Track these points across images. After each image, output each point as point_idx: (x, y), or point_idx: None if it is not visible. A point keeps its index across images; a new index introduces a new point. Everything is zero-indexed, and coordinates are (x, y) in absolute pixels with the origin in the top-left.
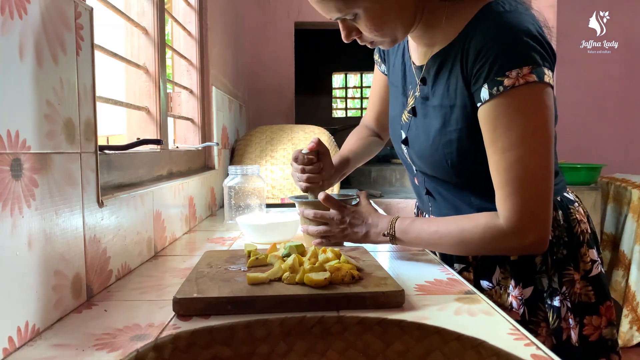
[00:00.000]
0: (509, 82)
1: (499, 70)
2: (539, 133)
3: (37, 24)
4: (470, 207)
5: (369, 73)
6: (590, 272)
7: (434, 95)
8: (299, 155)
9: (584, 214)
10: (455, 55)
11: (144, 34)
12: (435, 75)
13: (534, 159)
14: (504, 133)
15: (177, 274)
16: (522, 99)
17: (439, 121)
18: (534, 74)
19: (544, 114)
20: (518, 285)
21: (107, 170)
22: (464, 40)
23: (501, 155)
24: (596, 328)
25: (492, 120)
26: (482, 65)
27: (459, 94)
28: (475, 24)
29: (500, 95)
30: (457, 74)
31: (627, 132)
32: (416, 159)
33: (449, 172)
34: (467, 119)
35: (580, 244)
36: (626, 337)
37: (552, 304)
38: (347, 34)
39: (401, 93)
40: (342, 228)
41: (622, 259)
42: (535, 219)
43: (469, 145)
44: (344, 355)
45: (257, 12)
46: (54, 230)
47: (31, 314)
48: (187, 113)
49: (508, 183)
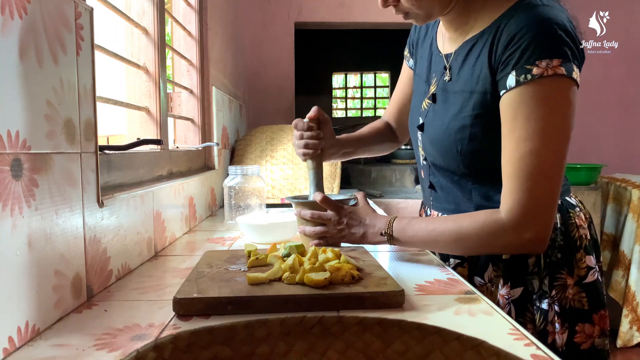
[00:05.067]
0: (538, 72)
1: (529, 58)
2: (559, 128)
3: (37, 24)
4: (470, 202)
5: (369, 73)
6: (585, 278)
7: (458, 81)
8: (299, 122)
9: (585, 220)
10: (485, 42)
11: (144, 34)
12: (463, 61)
13: (549, 154)
14: (523, 123)
15: (177, 274)
16: (547, 90)
17: (457, 106)
18: (563, 67)
19: (566, 110)
20: (506, 284)
21: (107, 170)
22: (497, 28)
23: (516, 145)
24: (588, 336)
25: (514, 108)
26: (513, 52)
27: (481, 80)
28: (510, 13)
29: (527, 83)
30: (483, 60)
31: (627, 132)
32: (428, 144)
33: (457, 160)
34: (484, 106)
35: (576, 249)
36: (626, 337)
37: (540, 306)
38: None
39: (424, 81)
40: (339, 229)
41: (622, 259)
42: (537, 215)
43: (481, 133)
44: (344, 355)
45: (257, 12)
46: (54, 230)
47: (31, 314)
48: (187, 113)
49: (517, 174)
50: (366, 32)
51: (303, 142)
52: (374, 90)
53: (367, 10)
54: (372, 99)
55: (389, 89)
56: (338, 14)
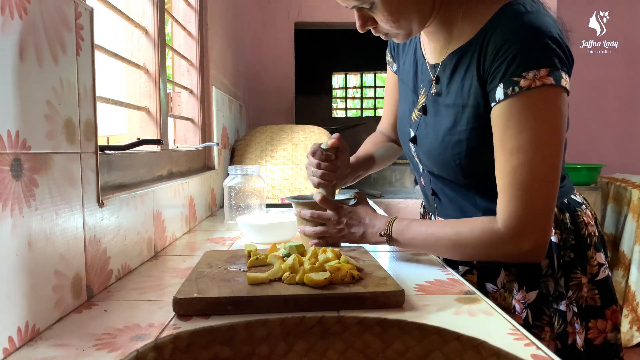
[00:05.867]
0: (525, 84)
1: (516, 71)
2: (550, 138)
3: (37, 24)
4: (476, 208)
5: (369, 73)
6: (597, 275)
7: (448, 94)
8: (317, 150)
9: (592, 217)
10: (473, 54)
11: (144, 34)
12: (451, 74)
13: (542, 164)
14: (514, 135)
15: (177, 274)
16: (536, 101)
17: (450, 120)
18: (551, 76)
19: (556, 119)
20: (522, 288)
21: (107, 170)
22: (483, 39)
23: (509, 157)
24: (601, 332)
25: (504, 121)
26: (500, 65)
27: (472, 94)
28: (495, 22)
29: (515, 95)
30: (473, 72)
31: (627, 132)
32: (424, 157)
33: (457, 173)
34: (478, 119)
35: (587, 247)
36: (626, 337)
37: (558, 308)
38: (362, 23)
39: (412, 91)
40: (339, 229)
41: (622, 259)
42: (534, 226)
43: (478, 146)
44: (344, 355)
45: (257, 12)
46: (54, 230)
47: (31, 314)
48: (187, 113)
49: (512, 186)
50: (366, 32)
51: (320, 172)
52: (374, 90)
53: None
54: (372, 99)
55: None
56: (338, 14)
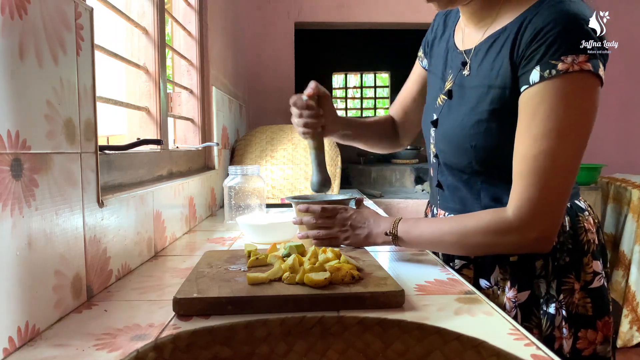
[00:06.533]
0: (563, 67)
1: (555, 53)
2: (578, 129)
3: (37, 24)
4: (477, 202)
5: (369, 73)
6: (591, 283)
7: (476, 76)
8: (297, 100)
9: (594, 224)
10: (507, 37)
11: (144, 34)
12: (483, 58)
13: (564, 154)
14: (542, 120)
15: (177, 274)
16: (571, 87)
17: (474, 101)
18: (590, 63)
19: (588, 109)
20: (513, 287)
21: (107, 170)
22: (521, 24)
23: (532, 142)
24: (591, 343)
25: (534, 105)
26: (538, 47)
27: (501, 75)
28: (536, 8)
29: (551, 78)
30: (505, 55)
31: (627, 132)
32: (441, 140)
33: (470, 156)
34: (502, 101)
35: (584, 253)
36: (626, 337)
37: (547, 311)
38: None
39: (440, 78)
40: (343, 230)
41: (622, 259)
42: (546, 215)
43: (497, 129)
44: (344, 355)
45: (257, 12)
46: (54, 230)
47: (31, 314)
48: (187, 113)
49: (531, 173)
50: (366, 32)
51: (302, 120)
52: (374, 90)
53: (367, 10)
54: (372, 99)
55: (388, 89)
56: (338, 14)
